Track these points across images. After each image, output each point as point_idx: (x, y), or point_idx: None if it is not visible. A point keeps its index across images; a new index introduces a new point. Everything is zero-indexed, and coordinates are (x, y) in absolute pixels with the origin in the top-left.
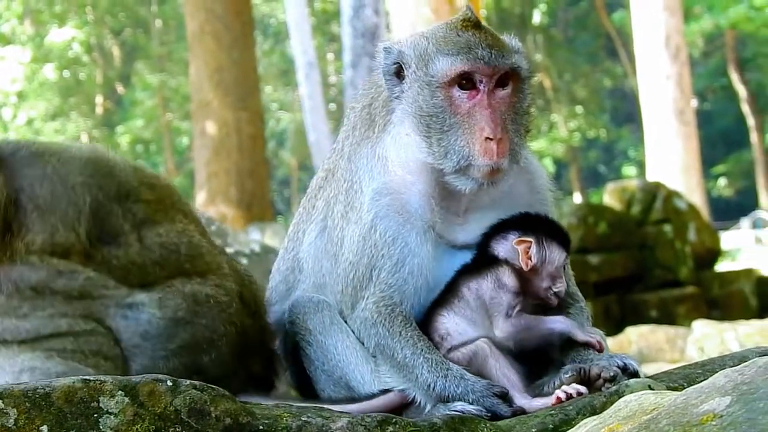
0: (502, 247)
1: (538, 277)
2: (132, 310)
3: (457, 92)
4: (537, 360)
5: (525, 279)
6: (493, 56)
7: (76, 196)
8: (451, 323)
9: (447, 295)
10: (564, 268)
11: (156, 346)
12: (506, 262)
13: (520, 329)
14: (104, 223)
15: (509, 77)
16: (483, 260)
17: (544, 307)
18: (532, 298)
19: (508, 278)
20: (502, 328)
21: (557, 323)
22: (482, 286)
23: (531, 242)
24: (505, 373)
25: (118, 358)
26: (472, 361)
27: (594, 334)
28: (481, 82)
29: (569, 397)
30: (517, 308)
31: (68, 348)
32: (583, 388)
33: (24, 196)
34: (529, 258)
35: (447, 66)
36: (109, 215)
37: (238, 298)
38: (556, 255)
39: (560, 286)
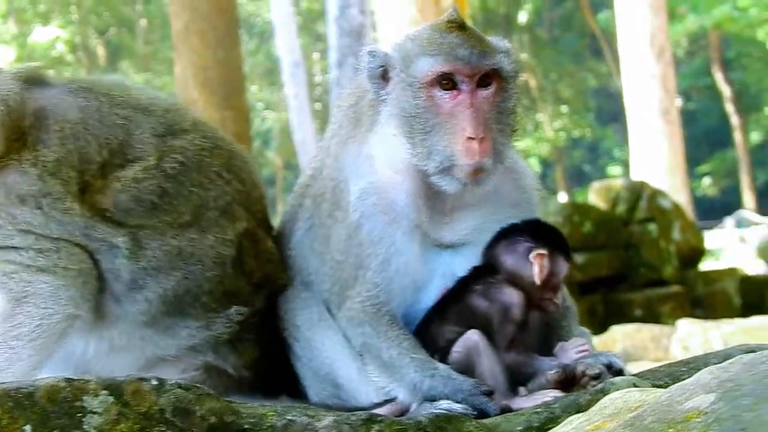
0: (511, 258)
1: (542, 289)
2: (111, 250)
3: (438, 93)
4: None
5: (528, 292)
6: (473, 57)
7: (107, 133)
8: (455, 336)
9: (451, 306)
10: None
11: (126, 289)
12: (514, 274)
13: (516, 365)
14: (127, 158)
15: (492, 77)
16: (488, 268)
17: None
18: (531, 308)
19: (516, 309)
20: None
21: (546, 364)
22: (490, 311)
23: (546, 255)
24: (494, 371)
25: (86, 273)
26: (468, 358)
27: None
28: (462, 82)
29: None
30: (515, 342)
31: (24, 262)
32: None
33: (54, 117)
34: (542, 272)
35: (427, 67)
36: (135, 154)
37: (231, 264)
38: (562, 267)
39: (559, 297)
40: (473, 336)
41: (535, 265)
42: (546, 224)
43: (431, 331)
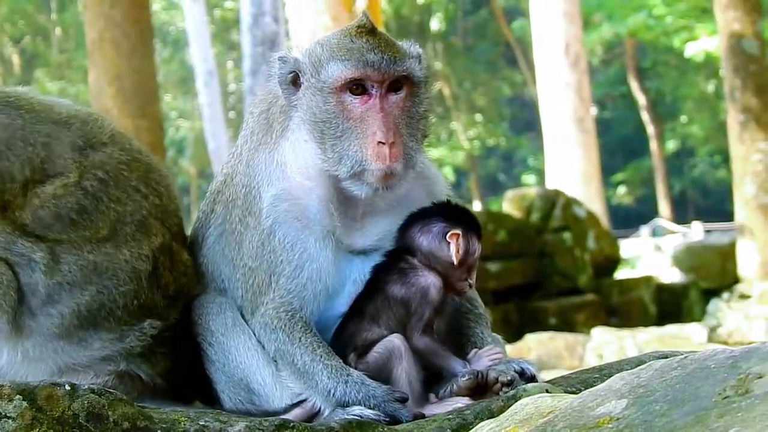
0: (426, 239)
1: (459, 269)
2: (29, 265)
3: (348, 98)
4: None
5: (445, 273)
6: (383, 62)
7: (30, 152)
8: (376, 335)
9: (368, 302)
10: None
11: (41, 303)
12: (431, 256)
13: (428, 351)
14: (47, 174)
15: (402, 82)
16: (402, 251)
17: (455, 322)
18: (448, 291)
19: (435, 291)
20: (414, 342)
21: (459, 366)
22: (408, 295)
23: (460, 234)
24: (411, 377)
25: (6, 284)
26: (387, 361)
27: (493, 342)
28: (372, 87)
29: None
30: (433, 325)
31: None
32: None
33: None
34: (458, 251)
35: (337, 72)
36: (56, 170)
37: (147, 278)
38: (476, 246)
39: (474, 277)
40: (396, 340)
41: (452, 245)
42: (457, 206)
43: (349, 329)
